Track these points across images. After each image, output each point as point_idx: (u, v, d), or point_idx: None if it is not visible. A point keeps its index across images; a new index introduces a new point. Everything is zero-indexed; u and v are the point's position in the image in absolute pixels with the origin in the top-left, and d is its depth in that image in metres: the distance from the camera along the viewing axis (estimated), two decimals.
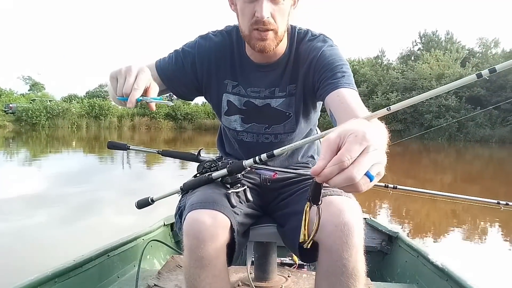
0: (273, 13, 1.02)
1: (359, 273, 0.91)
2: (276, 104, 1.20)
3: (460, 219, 4.73)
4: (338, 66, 1.07)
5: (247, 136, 1.27)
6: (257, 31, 1.03)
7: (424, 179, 7.44)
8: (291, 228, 1.08)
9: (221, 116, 1.27)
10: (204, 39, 1.21)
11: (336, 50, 1.14)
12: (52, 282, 1.35)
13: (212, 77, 1.21)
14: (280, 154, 0.89)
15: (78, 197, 5.16)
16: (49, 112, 26.35)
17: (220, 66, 1.20)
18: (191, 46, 1.21)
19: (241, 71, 1.20)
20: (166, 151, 1.45)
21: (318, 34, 1.19)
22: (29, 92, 43.28)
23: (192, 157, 1.37)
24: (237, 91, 1.22)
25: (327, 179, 0.53)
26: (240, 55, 1.20)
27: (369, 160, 0.53)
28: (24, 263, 2.79)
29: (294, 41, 1.18)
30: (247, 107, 1.22)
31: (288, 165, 1.33)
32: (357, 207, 0.96)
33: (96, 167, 8.63)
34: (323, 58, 1.10)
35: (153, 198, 1.21)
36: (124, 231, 1.92)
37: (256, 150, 1.16)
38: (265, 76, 1.19)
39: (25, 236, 3.47)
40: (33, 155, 10.40)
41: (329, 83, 1.04)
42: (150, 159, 10.12)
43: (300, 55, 1.17)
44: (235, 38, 1.20)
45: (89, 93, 42.11)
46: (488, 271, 2.98)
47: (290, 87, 1.19)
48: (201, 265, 0.94)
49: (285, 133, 1.25)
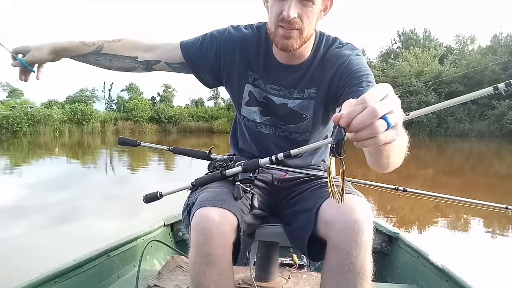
0: (300, 13, 1.03)
1: (366, 271, 0.91)
2: (293, 105, 1.21)
3: (444, 213, 4.86)
4: (364, 75, 1.08)
5: (265, 128, 1.27)
6: (282, 28, 1.05)
7: (407, 174, 7.56)
8: (299, 225, 1.08)
9: (241, 106, 1.27)
10: (235, 29, 1.23)
11: (363, 60, 1.15)
12: (52, 282, 1.35)
13: (234, 66, 1.22)
14: (297, 154, 0.88)
15: (61, 204, 5.03)
16: (30, 119, 25.75)
17: (244, 57, 1.21)
18: (220, 33, 1.23)
19: (264, 67, 1.21)
20: (177, 149, 1.45)
21: (346, 43, 1.21)
22: (8, 99, 42.23)
23: (203, 155, 1.38)
24: (258, 84, 1.23)
25: (350, 119, 0.54)
26: (266, 52, 1.21)
27: (389, 103, 0.55)
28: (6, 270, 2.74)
29: (321, 47, 1.19)
30: (266, 101, 1.23)
31: (300, 166, 1.31)
32: (367, 206, 0.96)
33: (79, 173, 8.50)
34: (350, 66, 1.12)
35: (162, 193, 1.21)
36: (106, 238, 1.88)
37: (272, 142, 1.20)
38: (286, 76, 1.20)
39: (5, 245, 3.40)
40: (15, 163, 10.18)
41: (353, 90, 1.05)
42: (134, 163, 10.05)
43: (327, 60, 1.17)
44: (263, 34, 1.20)
45: (69, 98, 41.31)
46: (479, 266, 3.07)
47: (309, 90, 1.20)
48: (207, 262, 0.94)
49: (299, 133, 1.25)
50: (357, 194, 1.01)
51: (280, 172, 1.25)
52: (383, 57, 37.79)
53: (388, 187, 1.60)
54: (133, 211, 4.46)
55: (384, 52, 39.12)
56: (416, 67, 30.04)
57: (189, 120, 33.37)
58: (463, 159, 12.78)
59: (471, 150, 16.66)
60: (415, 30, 37.72)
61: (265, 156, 1.07)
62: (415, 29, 37.75)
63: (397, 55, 34.88)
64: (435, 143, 20.40)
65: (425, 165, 10.43)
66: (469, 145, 19.01)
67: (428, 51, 32.80)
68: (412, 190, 1.60)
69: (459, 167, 10.42)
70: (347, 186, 1.07)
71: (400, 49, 36.78)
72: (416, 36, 37.27)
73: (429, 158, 12.84)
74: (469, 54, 31.93)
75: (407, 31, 38.03)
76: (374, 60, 38.19)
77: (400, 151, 0.77)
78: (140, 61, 1.24)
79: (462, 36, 36.43)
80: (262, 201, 1.21)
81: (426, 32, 37.09)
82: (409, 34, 37.64)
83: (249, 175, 1.10)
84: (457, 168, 10.20)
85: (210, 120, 33.56)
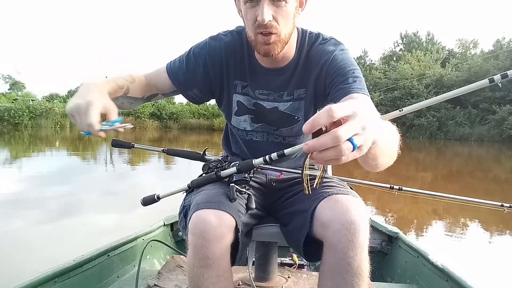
0: (275, 16, 1.01)
1: (363, 272, 0.91)
2: (284, 108, 1.20)
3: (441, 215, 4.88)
4: (350, 71, 1.07)
5: (257, 135, 1.26)
6: (261, 35, 1.03)
7: (406, 176, 7.56)
8: (295, 226, 1.07)
9: (231, 117, 1.26)
10: (215, 40, 1.20)
11: (348, 54, 1.13)
12: (52, 282, 1.35)
13: (223, 77, 1.21)
14: (291, 153, 0.88)
15: (59, 198, 5.06)
16: (31, 112, 25.75)
17: (230, 66, 1.20)
18: (202, 48, 1.20)
19: (250, 73, 1.20)
20: (170, 150, 1.44)
21: (329, 38, 1.18)
22: (10, 91, 42.27)
23: (197, 156, 1.36)
24: (246, 91, 1.21)
25: (314, 128, 0.53)
26: (250, 58, 1.19)
27: (354, 123, 0.54)
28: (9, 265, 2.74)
29: (305, 45, 1.17)
30: (256, 108, 1.22)
31: (295, 166, 1.30)
32: (363, 207, 0.95)
33: (79, 167, 8.52)
34: (335, 62, 1.10)
35: (159, 196, 1.19)
36: (107, 232, 1.90)
37: (265, 149, 1.15)
38: (273, 80, 1.19)
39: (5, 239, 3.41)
40: (15, 156, 10.20)
41: (340, 87, 1.04)
42: (134, 159, 10.06)
43: (312, 58, 1.15)
44: (245, 40, 1.17)
45: (71, 92, 41.29)
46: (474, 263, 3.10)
47: (299, 91, 1.18)
48: (205, 265, 0.94)
49: (293, 136, 1.24)
50: (352, 194, 1.01)
51: (275, 173, 1.24)
52: (385, 59, 37.78)
53: (383, 186, 1.60)
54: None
55: (387, 54, 39.13)
56: (418, 70, 30.04)
57: (190, 117, 33.40)
58: (462, 163, 12.78)
59: (470, 154, 16.65)
60: (418, 33, 37.79)
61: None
62: (418, 32, 37.83)
63: (399, 58, 34.89)
64: (435, 146, 20.38)
65: (424, 168, 10.44)
66: (469, 149, 18.99)
67: (430, 54, 32.82)
68: (407, 188, 1.61)
69: (458, 171, 10.42)
70: (343, 186, 1.06)
71: (402, 51, 36.78)
72: (418, 39, 37.28)
73: (428, 161, 12.85)
74: (471, 58, 31.92)
75: (409, 34, 38.08)
76: (376, 62, 38.24)
77: (389, 153, 0.77)
78: (145, 99, 1.24)
79: (465, 40, 36.61)
80: (258, 202, 1.20)
81: (429, 35, 37.11)
82: (411, 37, 37.66)
83: (244, 176, 1.10)
84: (456, 172, 10.21)
85: (211, 118, 33.56)
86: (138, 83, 1.18)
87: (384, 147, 0.69)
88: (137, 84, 1.17)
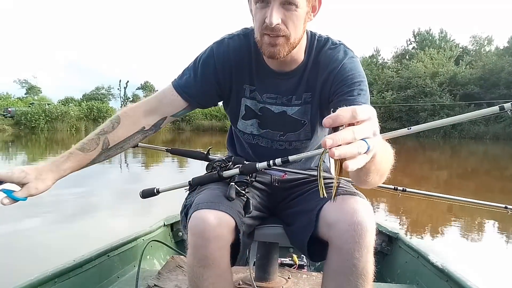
0: (284, 19, 0.98)
1: (368, 273, 0.90)
2: (292, 112, 1.18)
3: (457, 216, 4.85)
4: (357, 83, 1.05)
5: (262, 141, 1.25)
6: (268, 36, 1.00)
7: (421, 176, 7.52)
8: (300, 226, 1.06)
9: (238, 120, 1.24)
10: (221, 44, 1.17)
11: (357, 63, 1.11)
12: (52, 282, 1.34)
13: (232, 81, 1.18)
14: (295, 160, 0.86)
15: (75, 199, 5.17)
16: (47, 116, 26.26)
17: (239, 70, 1.17)
18: (209, 55, 1.17)
19: (258, 77, 1.17)
20: (175, 149, 1.45)
21: (338, 43, 1.15)
22: (26, 95, 43.07)
23: (201, 156, 1.36)
24: (254, 96, 1.19)
25: (335, 124, 0.53)
26: (258, 61, 1.16)
27: (369, 126, 0.55)
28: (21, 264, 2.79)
29: (313, 49, 1.14)
30: (263, 113, 1.19)
31: (300, 169, 1.28)
32: (369, 207, 0.94)
33: (94, 168, 8.63)
34: (343, 71, 1.08)
35: (159, 189, 1.19)
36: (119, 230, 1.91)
37: (269, 155, 1.12)
38: (282, 83, 1.16)
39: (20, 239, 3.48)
40: (32, 159, 10.42)
41: (345, 98, 1.02)
42: (148, 160, 10.19)
43: (320, 63, 1.12)
44: (253, 42, 1.13)
45: (85, 96, 42.02)
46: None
47: (306, 95, 1.16)
48: (205, 264, 0.93)
49: (300, 140, 1.22)
50: (359, 195, 0.99)
51: (279, 173, 1.22)
52: (398, 58, 37.47)
53: (387, 187, 1.57)
54: (148, 205, 4.55)
55: (399, 52, 38.81)
56: (431, 68, 29.70)
57: (202, 118, 33.55)
58: (477, 161, 12.62)
59: (486, 152, 16.43)
60: (430, 30, 37.41)
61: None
62: (430, 30, 37.44)
63: (412, 56, 34.56)
64: (449, 145, 20.15)
65: (439, 167, 10.36)
66: (484, 147, 18.74)
67: (443, 52, 32.42)
68: (411, 190, 1.59)
69: (473, 170, 10.30)
70: (349, 187, 1.05)
71: (415, 49, 36.45)
72: (431, 36, 36.87)
73: (443, 160, 12.73)
74: (486, 56, 31.44)
75: (422, 32, 37.69)
76: (388, 61, 37.96)
77: (381, 172, 0.77)
78: (149, 129, 1.18)
79: (479, 37, 36.01)
80: (262, 202, 1.19)
81: (442, 33, 36.70)
82: (424, 35, 37.27)
83: (245, 178, 1.09)
84: (471, 171, 10.08)
85: (223, 119, 33.66)
86: (124, 122, 1.15)
87: (379, 165, 0.70)
88: (124, 124, 1.15)
